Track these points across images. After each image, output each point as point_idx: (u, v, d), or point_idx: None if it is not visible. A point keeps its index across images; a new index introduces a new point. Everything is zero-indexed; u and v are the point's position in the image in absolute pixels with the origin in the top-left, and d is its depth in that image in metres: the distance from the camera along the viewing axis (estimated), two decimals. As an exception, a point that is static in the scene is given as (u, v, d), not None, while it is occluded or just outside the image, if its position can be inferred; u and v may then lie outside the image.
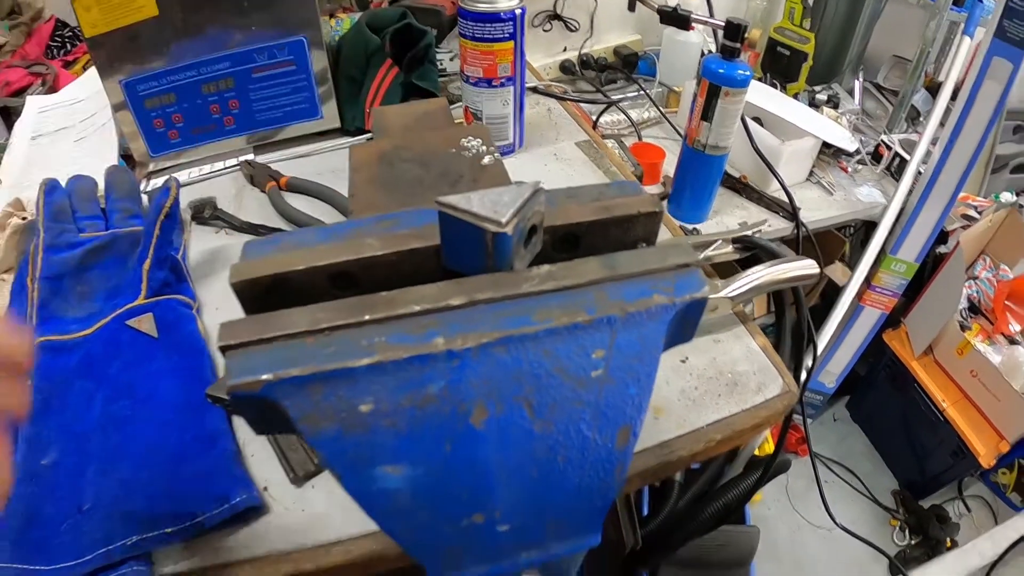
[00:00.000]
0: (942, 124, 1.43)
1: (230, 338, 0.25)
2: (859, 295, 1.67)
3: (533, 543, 0.27)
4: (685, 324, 0.31)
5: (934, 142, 1.45)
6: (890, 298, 1.69)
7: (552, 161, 0.85)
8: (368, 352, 0.25)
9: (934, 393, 1.77)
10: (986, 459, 1.63)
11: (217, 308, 0.67)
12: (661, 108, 1.52)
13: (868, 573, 1.73)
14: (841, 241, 1.73)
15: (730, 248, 0.67)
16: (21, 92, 1.17)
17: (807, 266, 0.62)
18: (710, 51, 1.63)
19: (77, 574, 0.46)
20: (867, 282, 1.64)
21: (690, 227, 1.22)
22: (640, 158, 1.25)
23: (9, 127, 1.09)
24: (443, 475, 0.25)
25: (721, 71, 0.99)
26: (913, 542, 1.80)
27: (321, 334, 0.25)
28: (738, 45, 0.97)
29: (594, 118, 1.38)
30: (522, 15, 0.75)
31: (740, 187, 1.34)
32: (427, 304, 0.27)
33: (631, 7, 1.62)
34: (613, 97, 1.47)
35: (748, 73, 0.99)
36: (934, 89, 1.92)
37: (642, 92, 1.52)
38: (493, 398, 0.26)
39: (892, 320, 1.83)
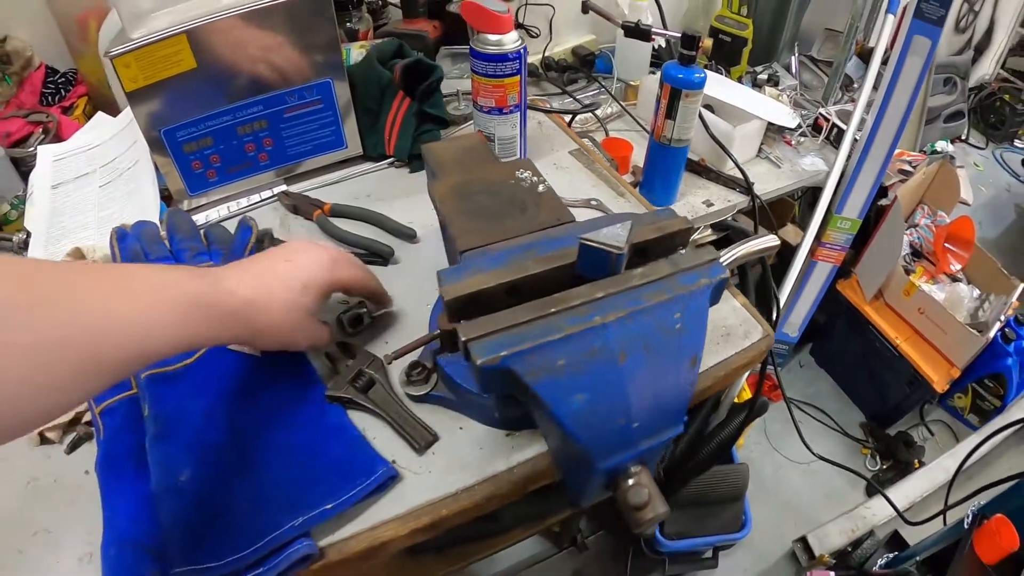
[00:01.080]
0: (875, 88, 1.62)
1: (469, 335, 0.40)
2: (811, 252, 1.85)
3: (650, 434, 0.42)
4: (716, 293, 0.48)
5: (867, 111, 1.63)
6: (839, 252, 1.87)
7: (553, 171, 1.00)
8: (558, 330, 0.41)
9: (887, 332, 1.96)
10: (940, 385, 1.83)
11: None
12: (622, 103, 1.67)
13: (846, 497, 1.93)
14: (790, 205, 1.91)
15: (709, 232, 0.84)
16: (22, 142, 1.20)
17: (769, 240, 0.79)
18: (660, 46, 1.80)
19: (248, 562, 0.53)
20: (818, 239, 1.81)
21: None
22: (612, 153, 1.41)
23: (22, 178, 1.14)
24: (605, 396, 0.41)
25: (680, 76, 1.15)
26: (884, 466, 2.00)
27: (526, 324, 0.41)
28: (694, 53, 1.13)
29: (567, 119, 1.53)
30: (524, 53, 0.90)
31: (700, 169, 1.50)
32: (583, 299, 0.44)
33: (584, 10, 1.77)
34: (584, 101, 1.62)
35: (703, 75, 1.15)
36: (865, 55, 2.12)
37: (603, 89, 1.68)
38: (627, 347, 0.42)
39: (843, 271, 2.01)
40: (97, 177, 1.03)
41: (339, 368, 0.69)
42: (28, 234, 0.96)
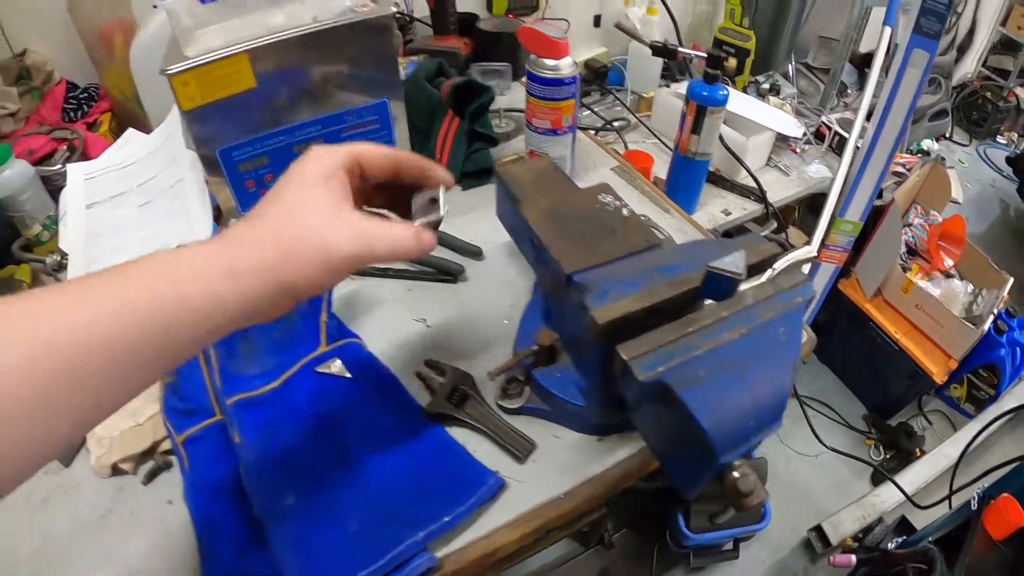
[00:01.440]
0: (875, 97, 1.70)
1: (630, 354, 0.47)
2: (816, 254, 1.93)
3: (760, 431, 0.49)
4: (806, 307, 0.55)
5: (868, 119, 1.72)
6: (842, 253, 1.95)
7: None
8: (698, 347, 0.48)
9: (887, 328, 2.05)
10: (939, 376, 1.92)
11: (369, 343, 0.79)
12: (636, 114, 1.74)
13: (853, 486, 2.02)
14: (792, 208, 1.99)
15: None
16: (46, 159, 1.14)
17: (808, 251, 0.86)
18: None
19: None
20: (822, 242, 1.90)
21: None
22: (634, 164, 1.47)
23: (52, 197, 1.05)
24: (734, 401, 0.47)
25: (705, 94, 1.21)
26: (888, 456, 2.09)
27: (672, 343, 0.47)
28: (718, 72, 1.20)
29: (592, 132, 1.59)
30: (579, 78, 0.96)
31: (716, 179, 1.58)
32: (712, 318, 0.50)
33: (596, 23, 1.84)
34: (599, 113, 1.68)
35: (727, 93, 1.22)
36: (856, 61, 2.21)
37: (617, 101, 1.75)
38: (748, 358, 0.48)
39: (844, 271, 2.10)
40: (135, 196, 1.01)
41: (432, 386, 0.73)
42: (62, 255, 0.95)
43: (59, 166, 1.10)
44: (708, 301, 0.53)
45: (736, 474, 0.49)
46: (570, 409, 0.68)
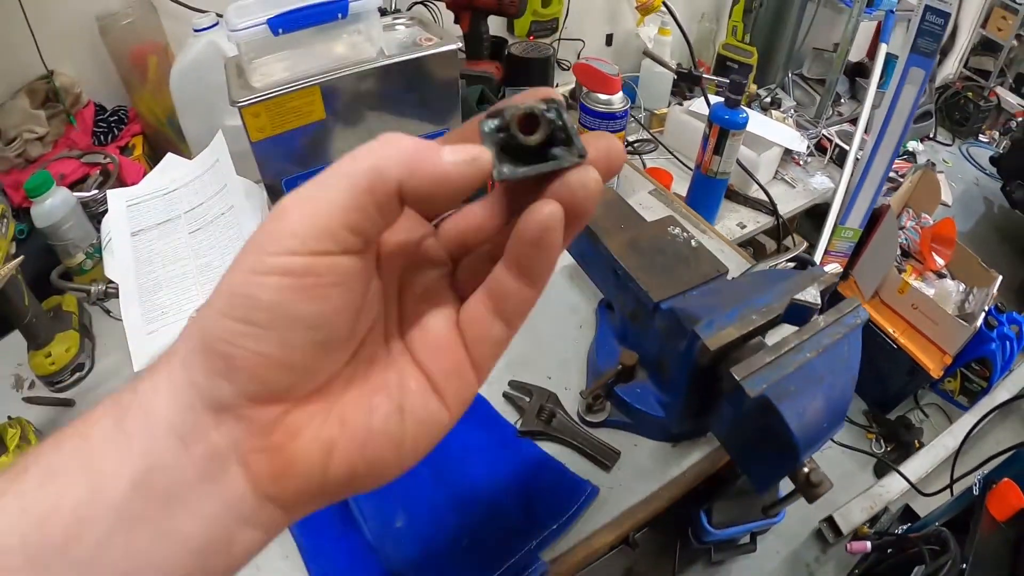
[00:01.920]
0: (875, 106, 1.80)
1: (741, 374, 0.55)
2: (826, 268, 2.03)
3: (831, 429, 0.58)
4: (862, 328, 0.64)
5: (867, 131, 1.82)
6: (843, 258, 2.05)
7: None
8: (789, 365, 0.56)
9: (885, 327, 2.15)
10: (935, 371, 2.02)
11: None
12: (650, 131, 1.83)
13: (856, 478, 2.11)
14: (794, 218, 2.09)
15: (790, 265, 1.00)
16: (78, 183, 1.12)
17: (835, 269, 0.96)
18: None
19: None
20: (824, 250, 2.00)
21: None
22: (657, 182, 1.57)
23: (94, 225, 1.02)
24: (815, 408, 0.56)
25: (727, 117, 1.31)
26: (888, 448, 2.19)
27: (770, 364, 0.56)
28: (739, 98, 1.29)
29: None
30: (629, 111, 1.04)
31: (730, 194, 1.67)
32: (797, 341, 0.59)
33: (608, 42, 1.93)
34: (631, 143, 1.76)
35: (746, 116, 1.31)
36: (848, 71, 2.31)
37: (634, 119, 1.83)
38: (823, 372, 0.58)
39: (843, 275, 2.20)
40: (184, 223, 1.00)
41: (520, 405, 0.81)
42: (107, 284, 0.95)
43: (94, 191, 1.09)
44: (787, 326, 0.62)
45: (806, 469, 0.59)
46: (649, 420, 0.76)
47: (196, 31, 1.09)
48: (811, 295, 0.58)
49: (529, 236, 0.26)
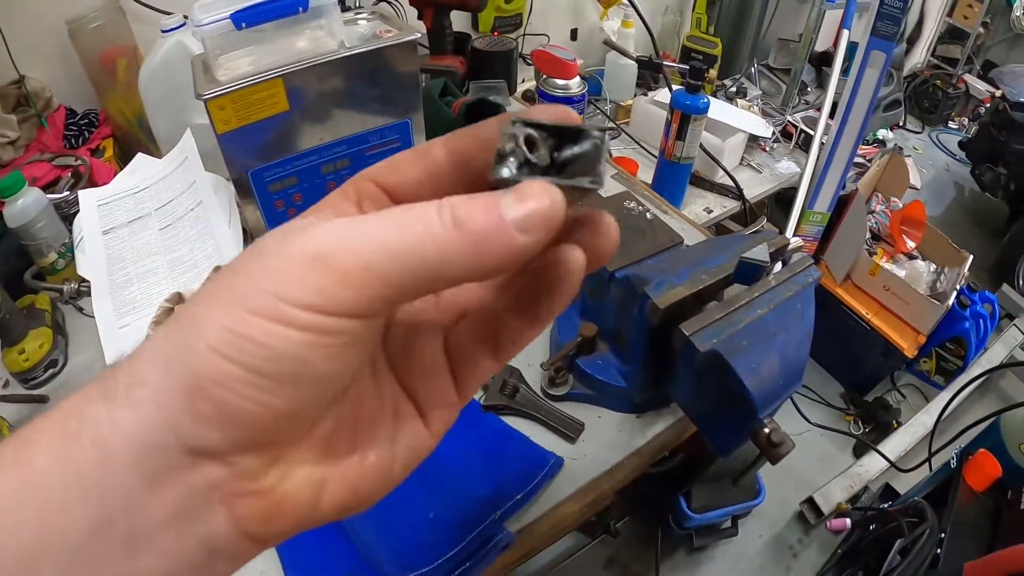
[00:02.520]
0: (837, 94, 1.83)
1: (691, 330, 0.56)
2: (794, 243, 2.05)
3: (788, 387, 0.59)
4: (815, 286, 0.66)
5: (831, 116, 1.85)
6: (812, 242, 2.07)
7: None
8: (740, 322, 0.57)
9: (858, 309, 2.18)
10: (909, 351, 2.05)
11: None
12: (616, 122, 1.85)
13: (836, 459, 2.14)
14: (763, 204, 2.12)
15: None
16: (50, 186, 1.12)
17: (797, 241, 0.98)
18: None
19: (460, 556, 0.63)
20: (793, 233, 2.02)
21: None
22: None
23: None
24: (769, 364, 0.57)
25: (688, 103, 1.33)
26: (867, 429, 2.22)
27: (719, 320, 0.57)
28: (700, 83, 1.31)
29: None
30: (587, 96, 1.05)
31: (696, 180, 1.69)
32: (747, 298, 0.60)
33: (573, 37, 1.94)
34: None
35: (707, 101, 1.33)
36: (813, 60, 2.34)
37: (599, 111, 1.85)
38: (776, 328, 0.59)
39: (814, 260, 2.23)
40: (154, 220, 1.02)
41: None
42: (79, 282, 0.96)
43: (66, 193, 1.10)
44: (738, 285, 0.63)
45: (767, 429, 0.60)
46: (612, 391, 0.77)
47: (164, 32, 1.09)
48: (760, 253, 0.60)
49: (553, 280, 0.26)
